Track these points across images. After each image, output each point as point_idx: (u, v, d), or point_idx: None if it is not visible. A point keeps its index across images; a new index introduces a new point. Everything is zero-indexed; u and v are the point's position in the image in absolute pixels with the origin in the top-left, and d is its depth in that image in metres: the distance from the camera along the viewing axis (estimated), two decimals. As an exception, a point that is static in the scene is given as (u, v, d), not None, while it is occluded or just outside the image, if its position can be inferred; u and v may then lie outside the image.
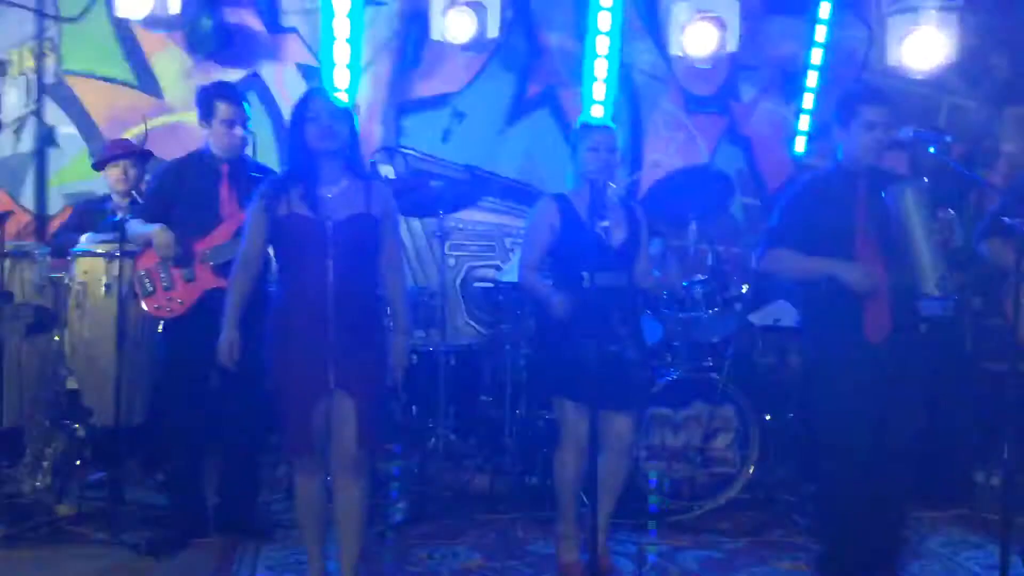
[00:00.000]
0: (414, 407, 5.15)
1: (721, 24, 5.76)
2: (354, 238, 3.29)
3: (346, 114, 3.34)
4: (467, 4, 5.67)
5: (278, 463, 4.81)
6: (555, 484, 3.83)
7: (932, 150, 3.88)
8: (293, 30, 6.10)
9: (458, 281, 6.18)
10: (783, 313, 4.87)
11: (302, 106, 3.35)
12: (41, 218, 5.78)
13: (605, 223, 3.44)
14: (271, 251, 3.45)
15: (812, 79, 6.25)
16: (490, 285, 5.28)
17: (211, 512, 4.27)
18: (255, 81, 6.01)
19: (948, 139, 4.43)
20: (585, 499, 3.79)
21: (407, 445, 4.93)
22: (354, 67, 5.83)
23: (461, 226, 6.15)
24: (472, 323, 6.15)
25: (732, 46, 5.85)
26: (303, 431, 3.28)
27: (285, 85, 6.08)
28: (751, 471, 4.65)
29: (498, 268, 6.05)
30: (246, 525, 4.23)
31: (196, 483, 4.23)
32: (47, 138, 4.56)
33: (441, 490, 4.79)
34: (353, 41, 5.83)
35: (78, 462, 4.53)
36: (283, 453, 3.44)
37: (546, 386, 3.85)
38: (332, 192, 3.30)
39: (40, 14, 5.84)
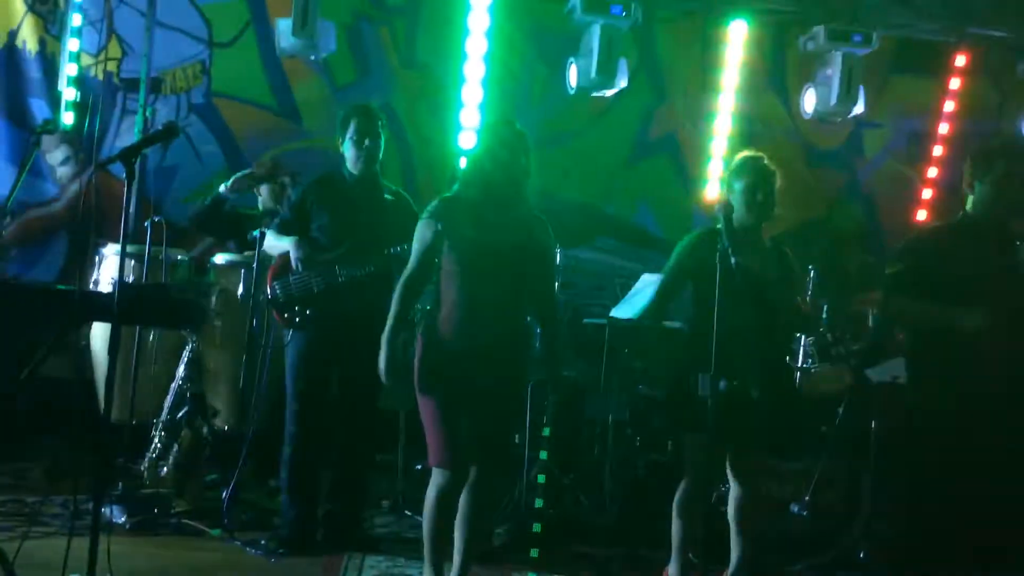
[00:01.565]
0: (517, 436, 5.22)
1: (839, 85, 5.76)
2: (519, 265, 3.41)
3: (526, 147, 3.43)
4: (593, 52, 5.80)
5: (382, 479, 4.96)
6: (673, 523, 3.82)
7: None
8: (427, 66, 6.35)
9: (567, 317, 6.25)
10: (902, 370, 4.78)
11: (489, 134, 3.51)
12: (180, 228, 6.11)
13: (743, 260, 3.47)
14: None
15: (939, 149, 6.19)
16: (603, 322, 5.34)
17: (321, 519, 4.41)
18: (387, 113, 6.26)
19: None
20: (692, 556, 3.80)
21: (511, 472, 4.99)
22: (484, 107, 6.04)
23: (573, 264, 6.23)
24: (577, 358, 6.19)
25: (856, 106, 5.85)
26: (451, 444, 3.38)
27: (416, 117, 6.33)
28: (859, 529, 4.56)
29: (606, 307, 6.11)
30: (353, 535, 4.35)
31: (311, 490, 4.37)
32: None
33: (539, 520, 4.82)
34: (484, 82, 6.06)
35: (200, 460, 4.74)
36: (431, 463, 3.52)
37: (670, 419, 3.87)
38: (502, 219, 3.42)
39: (194, 38, 6.24)
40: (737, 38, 6.20)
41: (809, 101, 5.87)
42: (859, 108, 5.84)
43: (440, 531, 3.51)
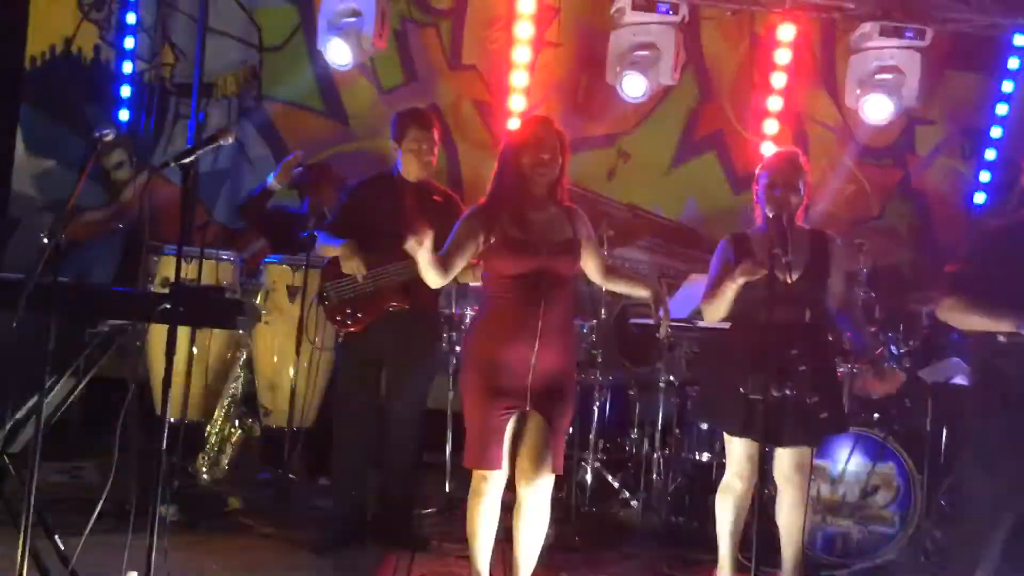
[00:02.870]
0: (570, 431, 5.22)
1: (896, 89, 5.66)
2: (563, 262, 3.38)
3: (562, 145, 3.39)
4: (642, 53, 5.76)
5: (432, 479, 4.98)
6: (716, 525, 3.78)
7: None
8: (472, 67, 6.38)
9: (612, 317, 6.23)
10: (956, 371, 4.71)
11: (523, 132, 3.47)
12: (232, 230, 6.20)
13: (783, 259, 3.41)
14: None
15: (996, 132, 6.07)
16: (650, 322, 5.30)
17: (370, 518, 4.45)
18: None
19: None
20: (742, 558, 3.77)
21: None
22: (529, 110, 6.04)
23: (619, 263, 6.21)
24: (624, 359, 6.18)
25: (910, 103, 5.74)
26: (493, 445, 3.35)
27: (461, 119, 6.36)
28: (911, 532, 4.49)
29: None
30: (402, 534, 4.38)
31: (360, 489, 4.40)
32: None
33: (587, 521, 4.83)
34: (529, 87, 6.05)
35: (251, 459, 4.82)
36: (466, 464, 3.51)
37: (712, 418, 3.83)
38: (540, 217, 3.40)
39: (245, 43, 6.33)
40: (785, 35, 6.12)
41: (866, 104, 5.76)
42: (912, 103, 5.74)
43: (483, 533, 3.49)
